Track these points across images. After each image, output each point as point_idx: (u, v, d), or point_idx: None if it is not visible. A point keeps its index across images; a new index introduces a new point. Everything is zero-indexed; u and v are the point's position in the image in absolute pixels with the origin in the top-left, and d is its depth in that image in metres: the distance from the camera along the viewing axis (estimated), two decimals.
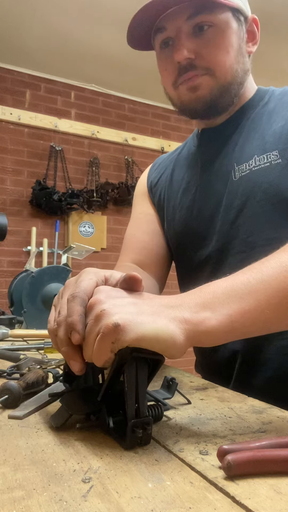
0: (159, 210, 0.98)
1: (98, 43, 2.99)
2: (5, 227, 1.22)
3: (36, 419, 0.50)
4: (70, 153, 3.47)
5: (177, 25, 0.73)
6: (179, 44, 0.73)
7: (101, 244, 3.51)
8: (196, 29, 0.73)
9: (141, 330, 0.40)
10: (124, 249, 0.99)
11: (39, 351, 0.97)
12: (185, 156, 0.94)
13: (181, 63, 0.73)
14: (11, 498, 0.32)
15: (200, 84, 0.74)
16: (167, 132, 3.96)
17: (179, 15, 0.72)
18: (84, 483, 0.34)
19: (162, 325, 0.42)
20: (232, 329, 0.45)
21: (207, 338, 0.44)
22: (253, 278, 0.47)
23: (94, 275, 0.48)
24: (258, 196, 0.74)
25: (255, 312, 0.45)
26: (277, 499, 0.31)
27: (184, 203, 0.89)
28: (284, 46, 3.04)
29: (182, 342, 0.43)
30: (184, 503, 0.31)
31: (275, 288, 0.46)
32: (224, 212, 0.79)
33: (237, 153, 0.79)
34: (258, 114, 0.80)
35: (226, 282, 0.48)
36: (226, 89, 0.76)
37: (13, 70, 3.29)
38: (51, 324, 0.48)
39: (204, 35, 0.73)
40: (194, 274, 0.87)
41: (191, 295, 0.47)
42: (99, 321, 0.41)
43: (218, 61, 0.73)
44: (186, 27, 0.73)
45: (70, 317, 0.44)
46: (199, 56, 0.73)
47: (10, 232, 3.08)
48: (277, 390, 0.72)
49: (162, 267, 0.96)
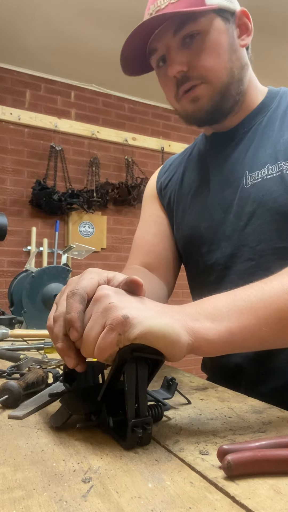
0: (168, 213, 0.97)
1: (98, 43, 2.98)
2: (5, 227, 1.22)
3: (36, 419, 0.50)
4: (70, 153, 3.47)
5: (165, 42, 0.75)
6: (170, 60, 0.75)
7: (101, 244, 3.51)
8: (185, 40, 0.74)
9: (148, 324, 0.41)
10: (133, 252, 0.99)
11: (39, 351, 0.97)
12: (196, 159, 0.93)
13: (176, 77, 0.75)
14: (11, 498, 0.32)
15: (199, 94, 0.75)
16: (167, 132, 3.96)
17: (165, 33, 0.74)
18: (84, 483, 0.34)
19: (168, 322, 0.43)
20: (231, 342, 0.46)
21: (207, 346, 0.45)
22: (254, 296, 0.48)
23: (96, 275, 0.48)
24: (269, 205, 0.74)
25: (254, 328, 0.47)
26: (277, 499, 0.31)
27: (194, 207, 0.88)
28: (283, 46, 3.04)
29: (185, 343, 0.43)
30: (184, 503, 0.31)
31: (275, 309, 0.48)
32: (234, 219, 0.79)
33: (249, 160, 0.79)
34: (271, 119, 0.80)
35: (227, 297, 0.49)
36: (226, 90, 0.76)
37: (13, 70, 3.28)
38: (50, 321, 0.48)
39: (193, 44, 0.74)
40: (201, 278, 0.87)
41: (192, 306, 0.48)
42: (107, 313, 0.41)
43: (211, 67, 0.74)
44: (174, 42, 0.74)
45: (68, 313, 0.44)
46: (191, 66, 0.74)
47: (10, 232, 3.08)
48: (287, 399, 0.71)
49: (171, 270, 0.96)
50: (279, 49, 3.07)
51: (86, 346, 0.43)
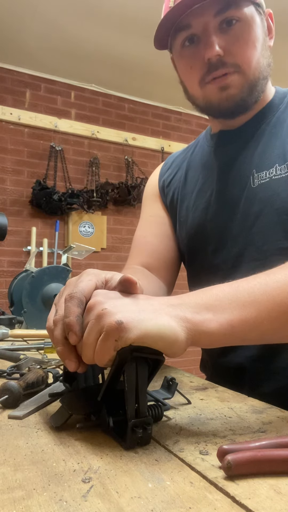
0: (171, 211, 0.96)
1: (98, 43, 2.98)
2: (5, 227, 1.22)
3: (36, 419, 0.50)
4: (70, 153, 3.47)
5: (204, 21, 0.71)
6: (210, 40, 0.70)
7: (101, 244, 3.51)
8: (223, 25, 0.71)
9: (144, 327, 0.41)
10: (133, 252, 0.98)
11: (39, 351, 0.97)
12: (200, 157, 0.92)
13: (211, 59, 0.71)
14: (11, 498, 0.32)
15: (230, 82, 0.73)
16: (167, 132, 3.96)
17: (206, 11, 0.70)
18: (84, 483, 0.34)
19: (164, 322, 0.42)
20: (231, 334, 0.46)
21: (207, 339, 0.45)
22: (257, 289, 0.48)
23: (94, 276, 0.48)
24: (276, 205, 0.73)
25: (255, 321, 0.46)
26: (277, 499, 0.31)
27: (199, 205, 0.87)
28: (283, 46, 3.04)
29: (184, 339, 0.43)
30: (184, 503, 0.31)
31: (277, 302, 0.47)
32: (240, 218, 0.78)
33: (257, 159, 0.78)
34: (280, 120, 0.79)
35: (230, 288, 0.49)
36: (254, 85, 0.75)
37: (13, 70, 3.28)
38: (50, 322, 0.48)
39: (232, 30, 0.71)
40: (205, 278, 0.85)
41: (193, 295, 0.48)
42: (101, 320, 0.41)
43: (247, 57, 0.72)
44: (214, 23, 0.71)
45: (67, 317, 0.44)
46: (228, 52, 0.71)
47: (10, 232, 3.08)
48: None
49: (171, 271, 0.95)
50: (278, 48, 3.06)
51: (85, 353, 0.43)
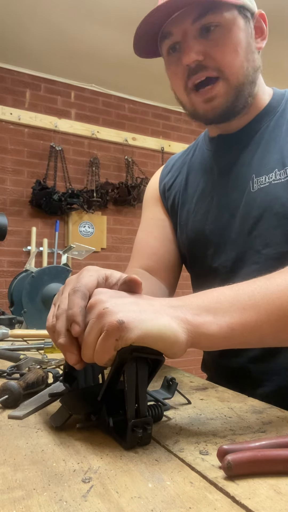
0: (172, 215, 0.96)
1: (98, 43, 2.98)
2: (5, 227, 1.22)
3: (36, 419, 0.50)
4: (70, 153, 3.47)
5: (183, 28, 0.72)
6: (187, 47, 0.72)
7: (101, 244, 3.51)
8: (203, 31, 0.71)
9: (144, 327, 0.41)
10: (134, 255, 0.98)
11: (39, 351, 0.97)
12: (200, 160, 0.92)
13: (190, 65, 0.72)
14: (11, 498, 0.32)
15: (217, 94, 0.73)
16: (167, 132, 3.96)
17: (184, 18, 0.71)
18: (84, 483, 0.34)
19: (165, 322, 0.42)
20: (231, 337, 0.46)
21: (206, 341, 0.45)
22: (258, 292, 0.48)
23: (95, 272, 0.49)
24: (276, 209, 0.73)
25: (255, 325, 0.47)
26: (277, 499, 0.31)
27: (199, 209, 0.87)
28: (283, 46, 3.04)
29: (184, 341, 0.43)
30: (184, 503, 0.31)
31: (277, 306, 0.48)
32: (240, 222, 0.79)
33: (256, 163, 0.78)
34: (278, 124, 0.79)
35: (231, 291, 0.49)
36: (240, 90, 0.75)
37: (13, 70, 3.28)
38: (49, 321, 0.49)
39: (211, 35, 0.71)
40: (205, 281, 0.86)
41: (194, 297, 0.48)
42: (102, 319, 0.41)
43: (228, 60, 0.72)
44: (193, 30, 0.71)
45: (70, 309, 0.44)
46: (208, 56, 0.71)
47: (10, 232, 3.08)
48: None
49: (172, 273, 0.95)
50: (278, 48, 3.06)
51: (85, 351, 0.43)
